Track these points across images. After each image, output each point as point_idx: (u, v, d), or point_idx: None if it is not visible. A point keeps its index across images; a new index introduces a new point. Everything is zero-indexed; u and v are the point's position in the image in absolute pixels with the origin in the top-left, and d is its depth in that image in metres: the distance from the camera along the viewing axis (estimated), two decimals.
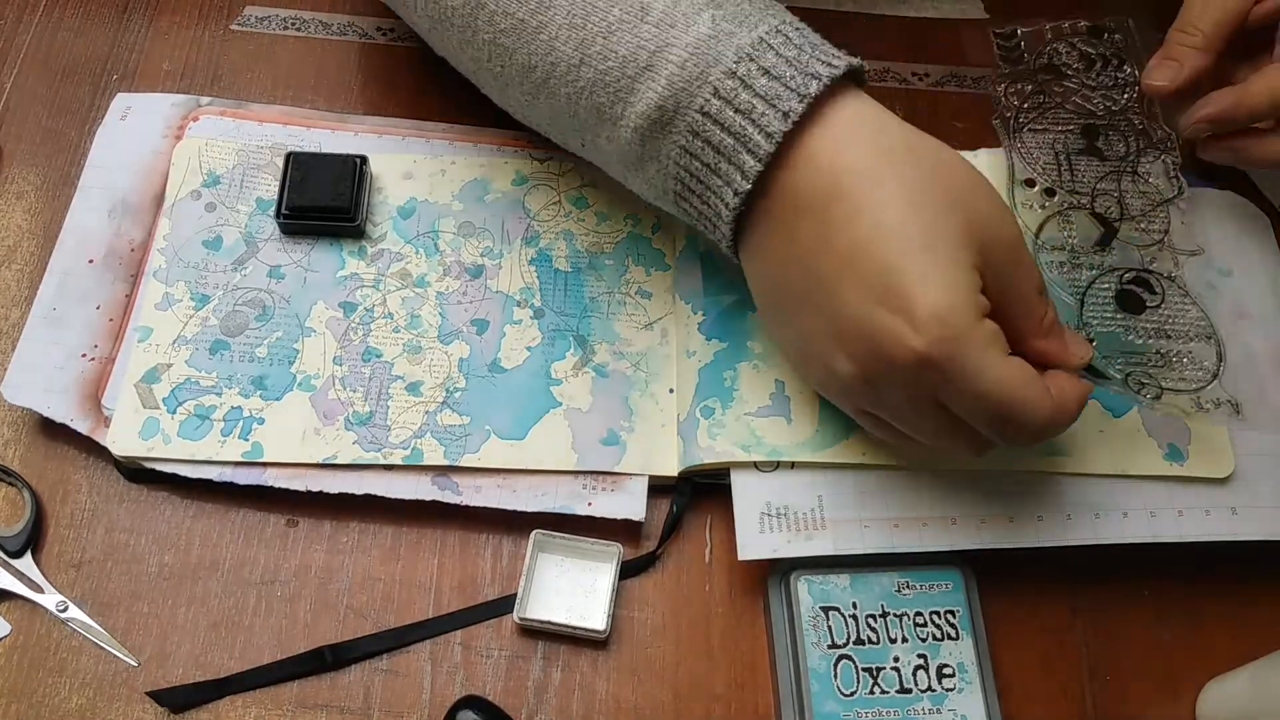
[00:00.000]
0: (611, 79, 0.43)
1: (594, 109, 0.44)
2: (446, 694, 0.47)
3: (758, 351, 0.52)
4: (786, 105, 0.40)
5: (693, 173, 0.43)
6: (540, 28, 0.44)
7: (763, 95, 0.40)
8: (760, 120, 0.40)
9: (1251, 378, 0.52)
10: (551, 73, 0.45)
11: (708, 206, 0.44)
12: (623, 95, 0.43)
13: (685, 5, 0.42)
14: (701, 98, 0.41)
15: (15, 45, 0.62)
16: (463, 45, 0.49)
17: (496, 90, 0.50)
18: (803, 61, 0.41)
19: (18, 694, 0.47)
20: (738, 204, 0.42)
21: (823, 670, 0.46)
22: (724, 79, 0.41)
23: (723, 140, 0.41)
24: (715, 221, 0.44)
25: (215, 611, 0.49)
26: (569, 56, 0.44)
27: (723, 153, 0.41)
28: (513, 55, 0.46)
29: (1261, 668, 0.46)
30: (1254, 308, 0.55)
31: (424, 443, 0.50)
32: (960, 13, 0.66)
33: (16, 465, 0.51)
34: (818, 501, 0.49)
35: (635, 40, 0.42)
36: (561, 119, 0.47)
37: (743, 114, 0.41)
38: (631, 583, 0.50)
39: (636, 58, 0.42)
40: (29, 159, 0.59)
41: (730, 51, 0.41)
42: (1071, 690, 0.49)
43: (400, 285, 0.54)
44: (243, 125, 0.58)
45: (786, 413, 0.51)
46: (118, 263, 0.54)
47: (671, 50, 0.42)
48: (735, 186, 0.42)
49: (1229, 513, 0.50)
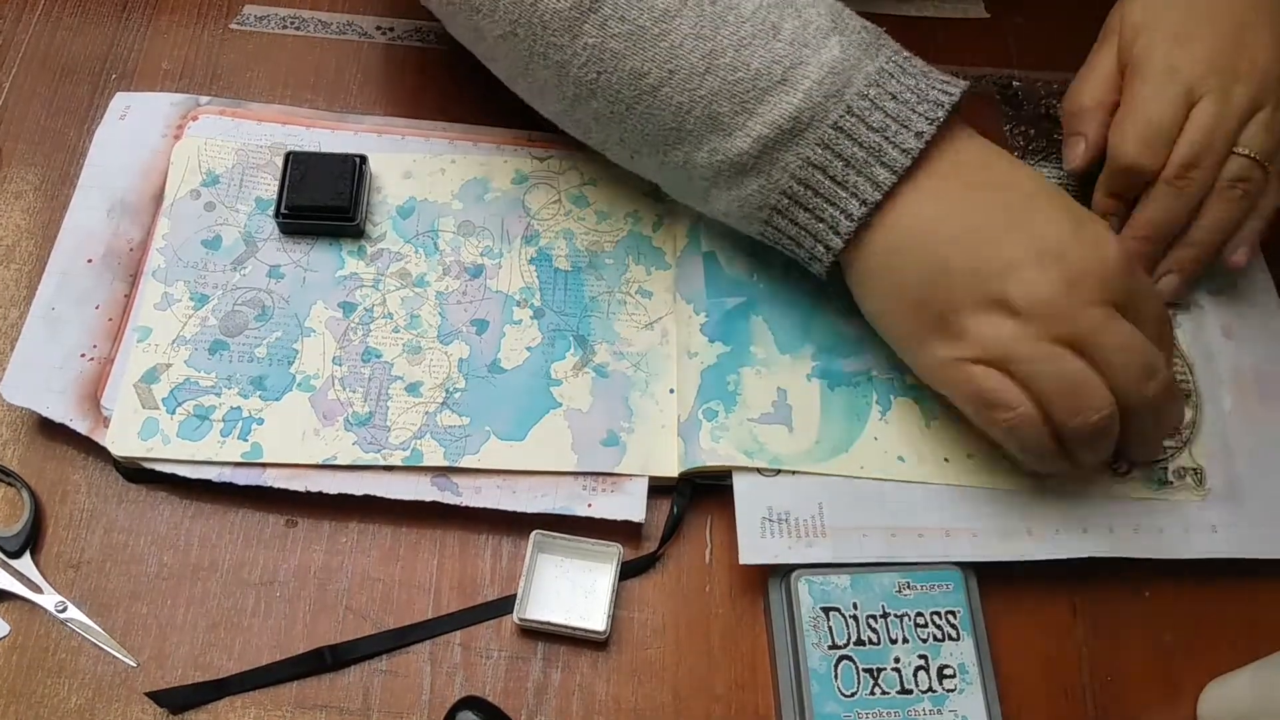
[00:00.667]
0: (741, 89, 0.45)
1: (710, 117, 0.46)
2: (446, 694, 0.47)
3: (760, 357, 0.52)
4: (917, 126, 0.45)
5: (811, 185, 0.46)
6: (663, 35, 0.46)
7: (894, 116, 0.45)
8: (894, 138, 0.45)
9: (1216, 440, 0.52)
10: (667, 80, 0.46)
11: (819, 221, 0.47)
12: (749, 106, 0.46)
13: (814, 29, 0.46)
14: (836, 114, 0.45)
15: (14, 44, 0.62)
16: (550, 50, 0.48)
17: (568, 102, 0.50)
18: (923, 89, 0.46)
19: (16, 694, 0.47)
20: (864, 214, 0.45)
21: (823, 671, 0.46)
22: (857, 99, 0.45)
23: (854, 154, 0.45)
24: (823, 235, 0.47)
25: (214, 612, 0.49)
26: (694, 65, 0.46)
27: (853, 165, 0.45)
28: (621, 61, 0.46)
29: (1262, 668, 0.46)
30: (1239, 325, 0.55)
31: (423, 443, 0.50)
32: (961, 12, 0.66)
33: (15, 465, 0.51)
34: (818, 509, 0.49)
35: (770, 55, 0.45)
36: (652, 132, 0.48)
37: (876, 131, 0.45)
38: (631, 583, 0.50)
39: (771, 71, 0.45)
40: (28, 158, 0.58)
41: (860, 75, 0.45)
42: (1072, 691, 0.49)
43: (400, 285, 0.54)
44: (242, 124, 0.58)
45: (789, 421, 0.51)
46: (117, 262, 0.54)
47: (807, 68, 0.45)
48: (864, 197, 0.45)
49: (1209, 531, 0.50)
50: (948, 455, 0.51)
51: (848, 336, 0.53)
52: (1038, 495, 0.50)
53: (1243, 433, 0.53)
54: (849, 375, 0.53)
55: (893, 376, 0.53)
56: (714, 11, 0.46)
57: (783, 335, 0.53)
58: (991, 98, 0.63)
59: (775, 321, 0.53)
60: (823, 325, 0.54)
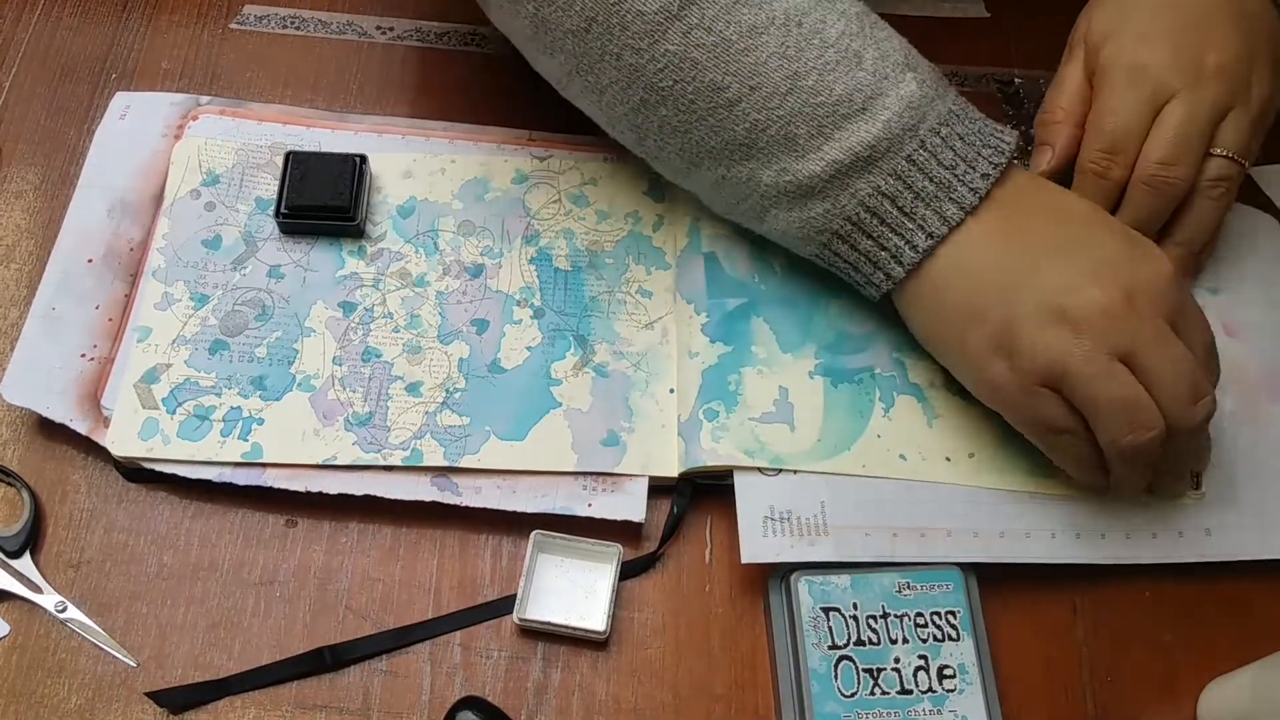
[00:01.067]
0: (821, 113, 0.46)
1: (785, 138, 0.47)
2: (446, 695, 0.47)
3: (762, 356, 0.52)
4: (983, 168, 0.47)
5: (879, 214, 0.47)
6: (748, 50, 0.46)
7: (962, 156, 0.47)
8: (964, 176, 0.47)
9: (1216, 438, 0.52)
10: (747, 95, 0.46)
11: (882, 250, 0.48)
12: (827, 130, 0.46)
13: (892, 62, 0.47)
14: (910, 147, 0.46)
15: (14, 44, 0.62)
16: (625, 51, 0.47)
17: (631, 106, 0.49)
18: (985, 133, 0.48)
19: (16, 694, 0.47)
20: (929, 247, 0.47)
21: (823, 671, 0.46)
22: (930, 135, 0.47)
23: (925, 187, 0.46)
24: (884, 264, 0.48)
25: (214, 612, 0.49)
26: (777, 84, 0.46)
27: (923, 198, 0.47)
28: (701, 71, 0.46)
29: (1263, 668, 0.46)
30: (1243, 321, 0.55)
31: (424, 443, 0.50)
32: (961, 12, 0.66)
33: (15, 465, 0.51)
34: (820, 508, 0.49)
35: (852, 83, 0.46)
36: (720, 146, 0.48)
37: (947, 169, 0.47)
38: (631, 583, 0.50)
39: (852, 99, 0.46)
40: (28, 158, 0.58)
41: (934, 113, 0.47)
42: (1072, 691, 0.49)
43: (400, 285, 0.54)
44: (242, 124, 0.58)
45: (790, 420, 0.51)
46: (117, 262, 0.54)
47: (888, 99, 0.46)
48: (931, 230, 0.47)
49: (1203, 534, 0.50)
50: (950, 454, 0.51)
51: (850, 334, 0.53)
52: (1037, 497, 0.50)
53: (1242, 434, 0.53)
54: (852, 372, 0.53)
55: (896, 373, 0.53)
56: (800, 34, 0.46)
57: (784, 335, 0.53)
58: (993, 97, 0.63)
59: (776, 321, 0.53)
60: (824, 324, 0.54)
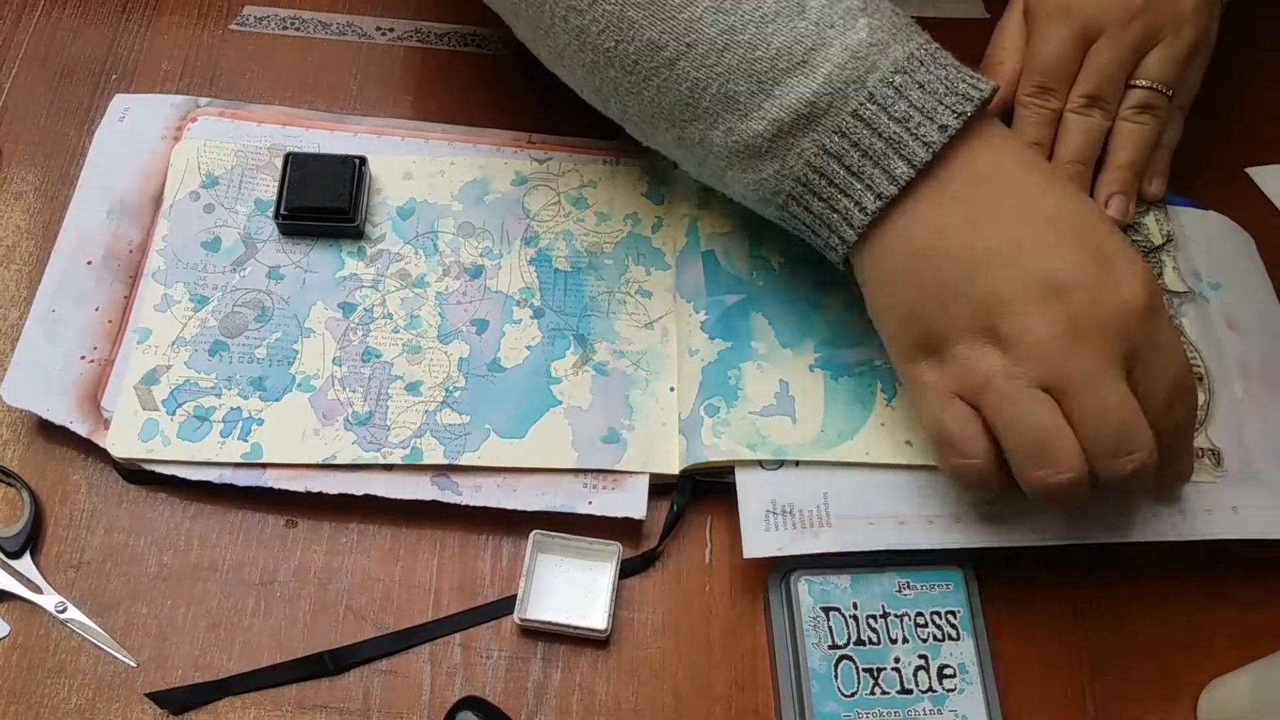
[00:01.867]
0: (759, 68, 0.43)
1: (725, 96, 0.44)
2: (446, 695, 0.47)
3: (761, 351, 0.52)
4: (942, 120, 0.42)
5: (826, 174, 0.44)
6: (682, 6, 0.44)
7: (918, 107, 0.43)
8: (917, 130, 0.42)
9: (1232, 422, 0.53)
10: (685, 53, 0.44)
11: (833, 211, 0.45)
12: (766, 86, 0.43)
13: (842, 8, 0.44)
14: (856, 100, 0.43)
15: (14, 45, 0.62)
16: (570, 14, 0.46)
17: (586, 69, 0.48)
18: (951, 81, 0.43)
19: (16, 695, 0.46)
20: (877, 209, 0.43)
21: (823, 671, 0.46)
22: (881, 86, 0.43)
23: (873, 145, 0.43)
24: (837, 226, 0.45)
25: (214, 612, 0.49)
26: (712, 39, 0.44)
27: (870, 157, 0.43)
28: (638, 30, 0.44)
29: (1263, 668, 0.46)
30: (1241, 318, 0.56)
31: (424, 442, 0.50)
32: (961, 12, 0.66)
33: (15, 466, 0.51)
34: (823, 499, 0.49)
35: (792, 34, 0.43)
36: (669, 106, 0.46)
37: (898, 122, 0.42)
38: (631, 583, 0.50)
39: (791, 51, 0.43)
40: (28, 159, 0.59)
41: (887, 61, 0.43)
42: (1073, 691, 0.49)
43: (399, 286, 0.54)
44: (241, 126, 0.58)
45: (792, 412, 0.51)
46: (116, 264, 0.54)
47: (830, 49, 0.43)
48: (879, 190, 0.43)
49: (1230, 511, 0.50)
50: None
51: (850, 329, 0.53)
52: None
53: (1256, 417, 0.53)
54: (852, 365, 0.52)
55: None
56: None
57: (784, 330, 0.53)
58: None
59: (776, 317, 0.53)
60: (824, 320, 0.54)
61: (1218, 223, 0.59)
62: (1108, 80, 0.54)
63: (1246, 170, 0.61)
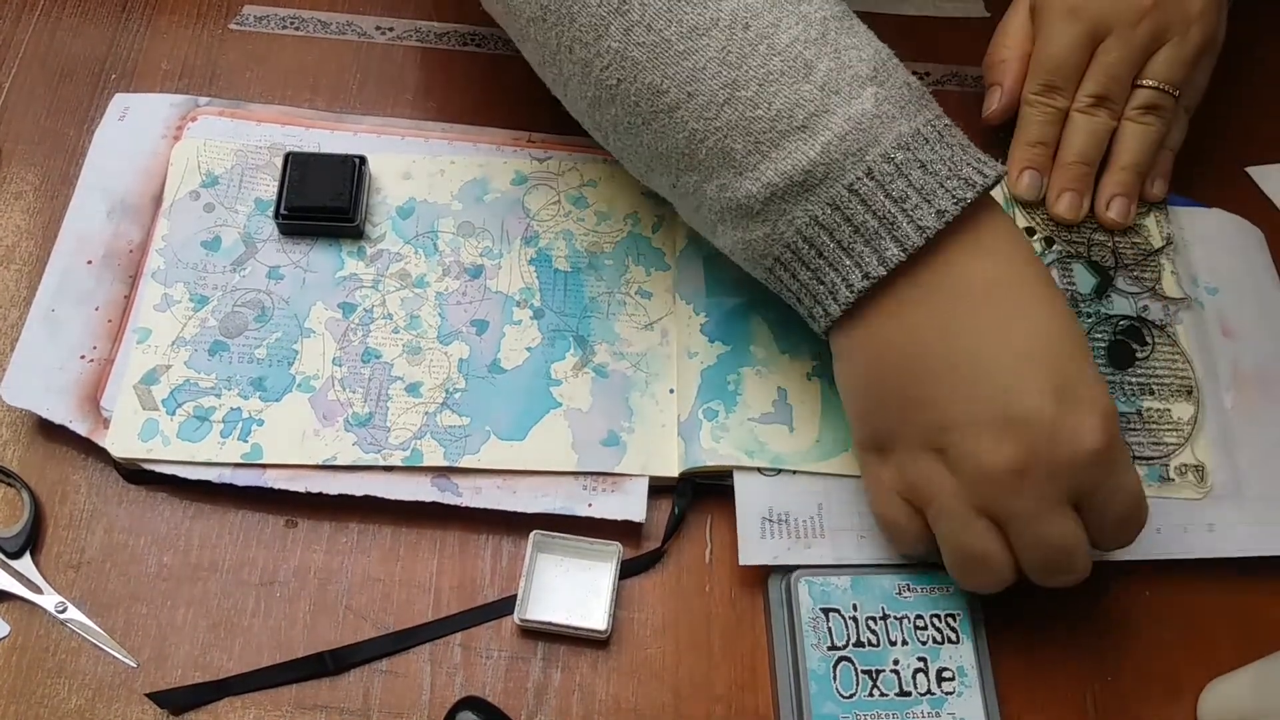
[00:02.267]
0: (758, 128, 0.42)
1: (722, 152, 0.43)
2: (446, 695, 0.47)
3: (761, 356, 0.52)
4: (940, 204, 0.41)
5: (816, 246, 0.42)
6: (687, 54, 0.42)
7: (917, 188, 0.41)
8: (913, 213, 0.41)
9: (1220, 436, 0.53)
10: (685, 102, 0.42)
11: (820, 283, 0.43)
12: (764, 148, 0.42)
13: (849, 75, 0.42)
14: (854, 174, 0.41)
15: (14, 45, 0.62)
16: (576, 45, 0.45)
17: (588, 103, 0.47)
18: (956, 163, 0.41)
19: (16, 695, 0.47)
20: (864, 288, 0.42)
21: (822, 672, 0.46)
22: (880, 162, 0.41)
23: (865, 222, 0.41)
24: (822, 299, 0.43)
25: (214, 612, 0.49)
26: (714, 91, 0.42)
27: (862, 234, 0.41)
28: (641, 72, 0.43)
29: (1263, 668, 0.46)
30: (1238, 322, 0.56)
31: (424, 443, 0.50)
32: (962, 12, 0.66)
33: (15, 466, 0.51)
34: (818, 510, 0.49)
35: (794, 96, 0.41)
36: (666, 152, 0.45)
37: (894, 201, 0.41)
38: (631, 583, 0.50)
39: (792, 115, 0.41)
40: (28, 159, 0.58)
41: (890, 136, 0.41)
42: (1072, 692, 0.49)
43: (399, 286, 0.54)
44: (241, 125, 0.58)
45: (789, 421, 0.51)
46: (116, 263, 0.54)
47: (832, 117, 0.41)
48: (867, 270, 0.41)
49: (1206, 530, 0.50)
50: None
51: None
52: None
53: (1244, 430, 0.53)
54: None
55: None
56: (745, 38, 0.41)
57: (783, 335, 0.53)
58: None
59: (775, 321, 0.53)
60: None
61: (1221, 220, 0.59)
62: (1115, 80, 0.54)
63: (1247, 170, 0.61)
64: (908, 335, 0.42)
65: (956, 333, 0.41)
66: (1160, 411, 0.52)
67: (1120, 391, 0.53)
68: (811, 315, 0.45)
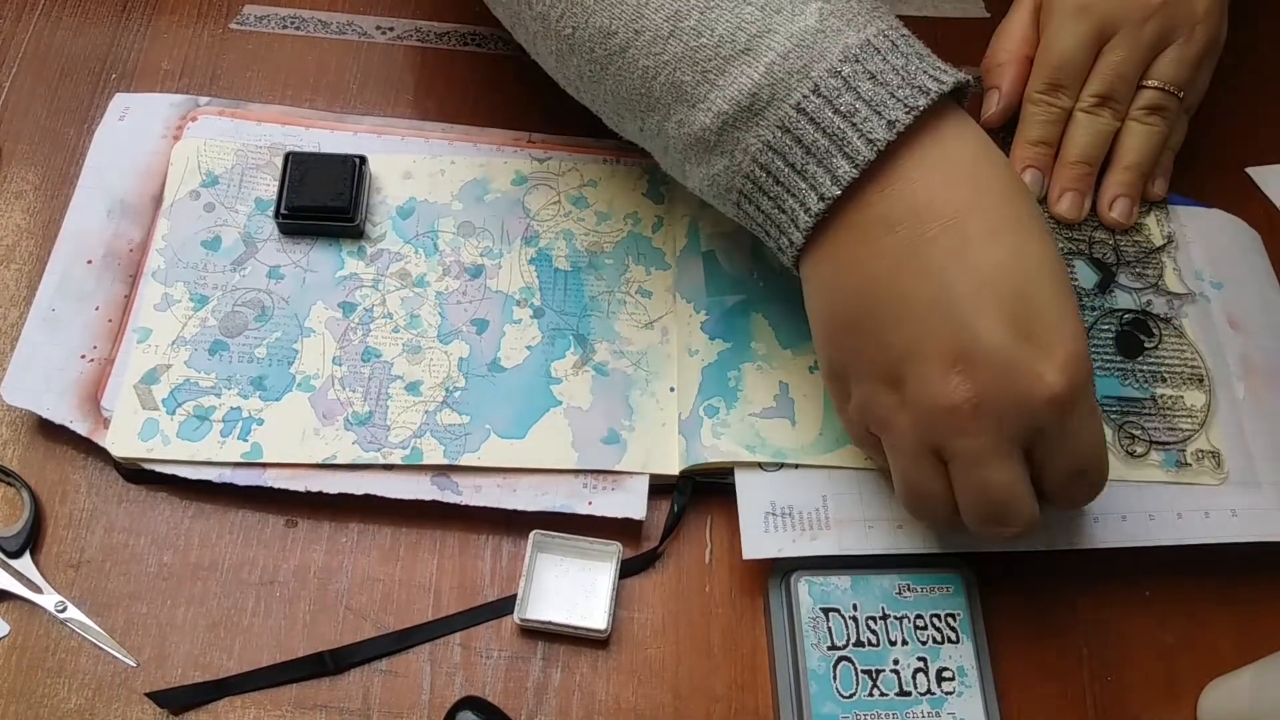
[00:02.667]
0: (703, 56, 0.41)
1: (674, 86, 0.42)
2: (446, 695, 0.47)
3: (762, 352, 0.52)
4: (892, 114, 0.39)
5: (772, 172, 0.41)
6: None
7: (867, 100, 0.39)
8: (862, 126, 0.39)
9: (1234, 424, 0.52)
10: (634, 41, 0.42)
11: (781, 211, 0.42)
12: (711, 76, 0.41)
13: None
14: (800, 93, 0.39)
15: (14, 44, 0.62)
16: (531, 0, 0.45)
17: (555, 57, 0.47)
18: (910, 71, 0.39)
19: (16, 694, 0.47)
20: (821, 210, 0.40)
21: (822, 672, 0.46)
22: (827, 77, 0.39)
23: (816, 141, 0.39)
24: (785, 228, 0.42)
25: (214, 612, 0.49)
26: (658, 25, 0.41)
27: (814, 154, 0.40)
28: (591, 16, 0.42)
29: (1263, 668, 0.46)
30: (1243, 317, 0.56)
31: (423, 442, 0.50)
32: (961, 12, 0.66)
33: (15, 465, 0.51)
34: (822, 502, 0.49)
35: (736, 19, 0.40)
36: (627, 96, 0.44)
37: (843, 116, 0.39)
38: (631, 583, 0.50)
39: (735, 38, 0.40)
40: (28, 158, 0.58)
41: (836, 49, 0.39)
42: (1072, 692, 0.49)
43: (399, 285, 0.54)
44: (241, 125, 0.58)
45: (791, 415, 0.51)
46: (116, 263, 0.54)
47: (774, 36, 0.40)
48: (822, 191, 0.40)
49: (1228, 515, 0.50)
50: None
51: None
52: None
53: (1257, 418, 0.53)
54: None
55: None
56: None
57: (784, 331, 0.53)
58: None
59: (776, 318, 0.53)
60: None
61: (1221, 220, 0.59)
62: (1122, 79, 0.54)
63: (1247, 170, 0.61)
64: (866, 261, 0.40)
65: (914, 258, 0.39)
66: (1173, 398, 0.52)
67: (1132, 378, 0.52)
68: (780, 248, 0.43)
